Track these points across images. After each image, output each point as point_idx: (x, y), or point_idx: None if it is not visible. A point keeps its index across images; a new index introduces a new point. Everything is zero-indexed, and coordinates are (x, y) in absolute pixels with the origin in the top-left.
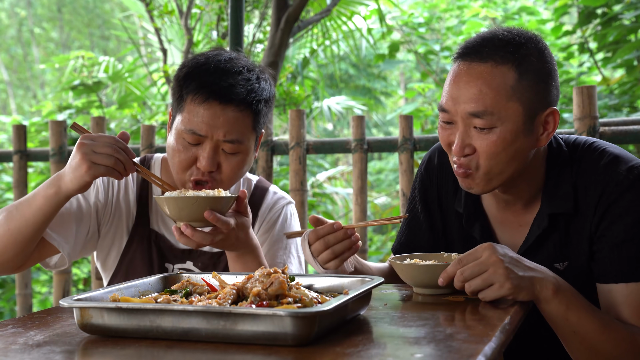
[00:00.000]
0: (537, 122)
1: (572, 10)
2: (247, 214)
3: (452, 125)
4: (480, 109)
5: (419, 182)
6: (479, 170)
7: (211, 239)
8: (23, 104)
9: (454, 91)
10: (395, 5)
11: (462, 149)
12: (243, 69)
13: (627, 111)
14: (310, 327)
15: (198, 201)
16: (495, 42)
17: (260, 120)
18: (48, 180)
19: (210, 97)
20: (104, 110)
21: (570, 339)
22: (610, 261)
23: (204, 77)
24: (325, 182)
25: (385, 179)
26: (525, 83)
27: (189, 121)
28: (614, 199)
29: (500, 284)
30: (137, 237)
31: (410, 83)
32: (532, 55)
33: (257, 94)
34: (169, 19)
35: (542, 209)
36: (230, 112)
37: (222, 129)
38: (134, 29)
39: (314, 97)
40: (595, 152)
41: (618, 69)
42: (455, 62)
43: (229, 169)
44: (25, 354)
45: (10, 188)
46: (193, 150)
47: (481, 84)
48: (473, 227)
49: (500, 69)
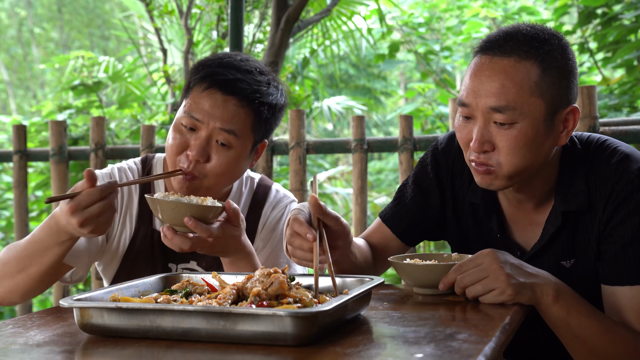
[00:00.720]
0: (558, 119)
1: (572, 10)
2: (239, 224)
3: (471, 120)
4: (502, 103)
5: (431, 160)
6: (502, 167)
7: (190, 244)
8: (23, 104)
9: (475, 85)
10: (395, 5)
11: (481, 145)
12: (255, 70)
13: (627, 111)
14: (310, 327)
15: (178, 206)
16: (519, 37)
17: (261, 124)
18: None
19: (213, 85)
20: (104, 110)
21: (572, 342)
22: (616, 263)
23: (214, 68)
24: (325, 182)
25: (385, 179)
26: (548, 79)
27: (190, 106)
28: (623, 197)
29: (501, 290)
30: (139, 237)
31: (410, 83)
32: (555, 52)
33: (261, 95)
34: (169, 19)
35: (556, 207)
36: (231, 105)
37: (220, 119)
38: (134, 29)
39: (314, 97)
40: (607, 150)
41: (618, 69)
42: (477, 55)
43: (218, 163)
44: (25, 354)
45: (10, 188)
46: (187, 135)
47: (504, 78)
48: (491, 219)
49: (523, 64)
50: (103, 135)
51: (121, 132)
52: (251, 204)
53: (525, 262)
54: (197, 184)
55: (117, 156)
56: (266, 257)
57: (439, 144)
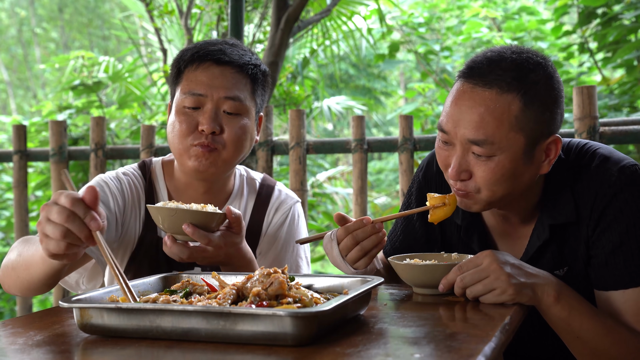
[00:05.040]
0: (539, 150)
1: (572, 10)
2: (240, 232)
3: (450, 146)
4: (480, 137)
5: (416, 189)
6: (480, 194)
7: (188, 253)
8: (23, 104)
9: (455, 113)
10: (395, 5)
11: (458, 174)
12: (238, 46)
13: (627, 111)
14: (310, 327)
15: (177, 213)
16: (502, 65)
17: (258, 89)
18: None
19: (205, 59)
20: (104, 110)
21: (573, 342)
22: (607, 267)
23: (201, 47)
24: (325, 182)
25: (385, 179)
26: (529, 113)
27: (188, 86)
28: (607, 201)
29: (502, 290)
30: (144, 245)
31: (410, 83)
32: (540, 83)
33: (251, 61)
34: (169, 19)
35: (541, 220)
36: (228, 73)
37: (222, 88)
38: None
39: (314, 97)
40: (587, 155)
41: (618, 69)
42: (459, 80)
43: (232, 131)
44: (25, 354)
45: (10, 188)
46: (194, 115)
47: (483, 111)
48: (472, 239)
49: (505, 97)
50: (103, 135)
51: (121, 132)
52: (254, 205)
53: (525, 263)
54: (215, 155)
55: (117, 156)
56: (271, 261)
57: (420, 171)
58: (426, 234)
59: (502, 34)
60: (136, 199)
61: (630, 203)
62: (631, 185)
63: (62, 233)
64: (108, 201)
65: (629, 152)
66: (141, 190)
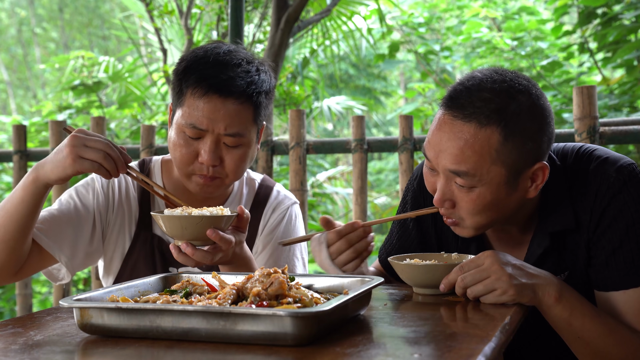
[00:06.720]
0: (524, 178)
1: (572, 10)
2: (246, 230)
3: (435, 172)
4: (461, 169)
5: (411, 197)
6: (465, 222)
7: (211, 257)
8: (23, 104)
9: (436, 141)
10: (395, 5)
11: (442, 202)
12: (242, 61)
13: (627, 111)
14: (310, 327)
15: (203, 220)
16: (482, 96)
17: (261, 113)
18: (29, 170)
19: (209, 90)
20: (104, 110)
21: (575, 343)
22: (607, 268)
23: (203, 70)
24: (325, 182)
25: (385, 179)
26: (510, 145)
27: (189, 115)
28: (607, 202)
29: (503, 290)
30: (139, 242)
31: (410, 83)
32: (522, 113)
33: (257, 86)
34: (169, 19)
35: (541, 228)
36: (231, 105)
37: (223, 123)
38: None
39: (314, 97)
40: (584, 158)
41: (618, 69)
42: (441, 109)
43: (232, 162)
44: (25, 354)
45: (10, 188)
46: (194, 144)
47: (463, 145)
48: (469, 248)
49: (484, 131)
50: (103, 135)
51: (121, 132)
52: (252, 204)
53: (526, 264)
54: (218, 182)
55: None
56: (266, 259)
57: (415, 179)
58: (422, 242)
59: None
60: (126, 196)
61: (629, 203)
62: (629, 184)
63: (103, 157)
64: (87, 199)
65: (629, 152)
66: (133, 187)
